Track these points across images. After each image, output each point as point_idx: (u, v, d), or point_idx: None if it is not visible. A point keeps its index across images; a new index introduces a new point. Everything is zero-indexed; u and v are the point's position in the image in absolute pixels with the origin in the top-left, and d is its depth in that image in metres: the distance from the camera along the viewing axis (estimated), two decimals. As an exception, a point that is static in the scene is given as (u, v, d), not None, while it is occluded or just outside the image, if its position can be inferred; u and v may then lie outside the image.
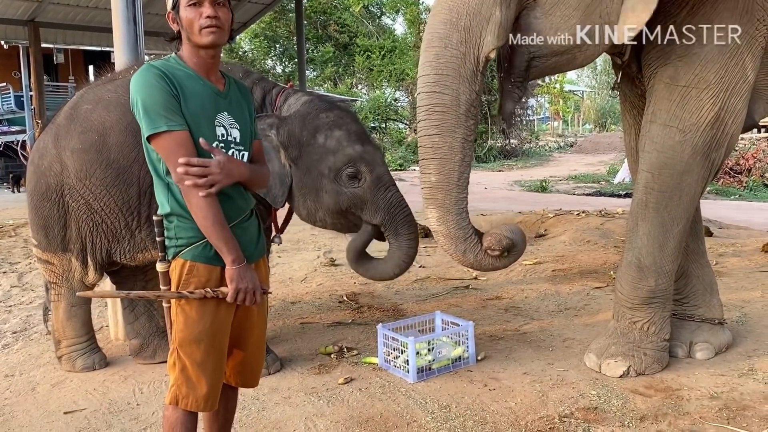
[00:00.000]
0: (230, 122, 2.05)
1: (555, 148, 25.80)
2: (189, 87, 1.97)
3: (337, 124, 3.22)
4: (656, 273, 3.20)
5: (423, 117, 2.83)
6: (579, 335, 3.86)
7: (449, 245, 2.91)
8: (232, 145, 2.05)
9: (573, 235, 6.77)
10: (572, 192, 13.11)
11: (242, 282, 1.97)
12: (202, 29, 1.96)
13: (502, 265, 3.03)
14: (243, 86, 2.21)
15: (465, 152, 2.83)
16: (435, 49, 2.77)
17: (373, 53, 24.03)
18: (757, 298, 4.47)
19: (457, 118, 2.78)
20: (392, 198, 3.24)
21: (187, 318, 2.01)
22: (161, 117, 1.90)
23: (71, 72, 18.65)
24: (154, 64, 1.97)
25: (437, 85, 2.77)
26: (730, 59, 2.95)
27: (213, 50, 2.02)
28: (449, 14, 2.75)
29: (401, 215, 3.25)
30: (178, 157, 1.89)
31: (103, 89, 3.38)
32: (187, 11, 1.97)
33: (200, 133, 1.95)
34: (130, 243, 3.35)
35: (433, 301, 4.74)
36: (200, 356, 2.01)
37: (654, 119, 3.11)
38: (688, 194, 3.12)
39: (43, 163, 3.36)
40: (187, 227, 1.99)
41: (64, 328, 3.51)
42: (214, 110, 2.01)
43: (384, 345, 3.47)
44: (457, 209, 2.86)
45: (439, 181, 2.83)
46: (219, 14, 1.96)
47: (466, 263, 2.97)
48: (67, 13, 12.57)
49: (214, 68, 2.06)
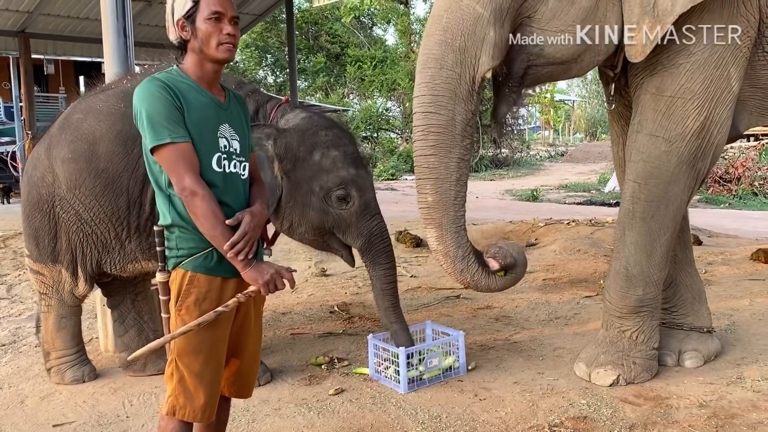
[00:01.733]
0: (231, 134, 2.08)
1: (546, 157, 25.91)
2: (192, 99, 2.00)
3: (334, 144, 3.24)
4: (644, 282, 3.22)
5: (419, 137, 2.86)
6: (569, 344, 3.87)
7: (448, 264, 2.92)
8: (234, 156, 2.07)
9: (563, 244, 6.80)
10: (563, 201, 13.17)
11: (265, 275, 1.97)
12: (221, 45, 2.01)
13: (499, 287, 3.02)
14: (240, 98, 2.24)
15: (461, 172, 2.86)
16: (431, 70, 2.80)
17: (365, 63, 24.09)
18: (745, 307, 4.49)
19: (452, 139, 2.82)
20: (376, 227, 3.29)
21: (201, 327, 2.00)
22: (165, 129, 1.92)
23: (61, 83, 18.60)
24: (158, 76, 2.00)
25: (433, 105, 2.80)
26: (715, 70, 2.99)
27: (222, 65, 2.08)
28: (444, 35, 2.78)
29: (381, 245, 3.31)
30: (180, 169, 1.92)
31: (94, 99, 3.40)
32: (207, 24, 2.00)
33: (203, 144, 1.98)
34: (120, 254, 3.35)
35: (423, 311, 4.74)
36: (199, 367, 2.01)
37: (640, 129, 3.14)
38: (675, 203, 3.15)
39: (36, 173, 3.36)
40: (188, 238, 2.00)
41: (54, 340, 3.49)
42: (216, 122, 2.04)
43: (375, 355, 3.47)
44: (455, 228, 2.88)
45: (435, 201, 2.86)
46: (236, 33, 2.04)
47: (464, 282, 2.97)
48: (57, 23, 12.57)
49: (215, 81, 2.09)
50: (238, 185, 2.08)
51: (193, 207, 1.93)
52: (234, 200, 2.04)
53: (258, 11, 13.68)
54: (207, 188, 1.94)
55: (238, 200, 2.06)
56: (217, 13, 2.00)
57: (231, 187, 2.05)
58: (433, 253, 3.02)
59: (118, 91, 3.35)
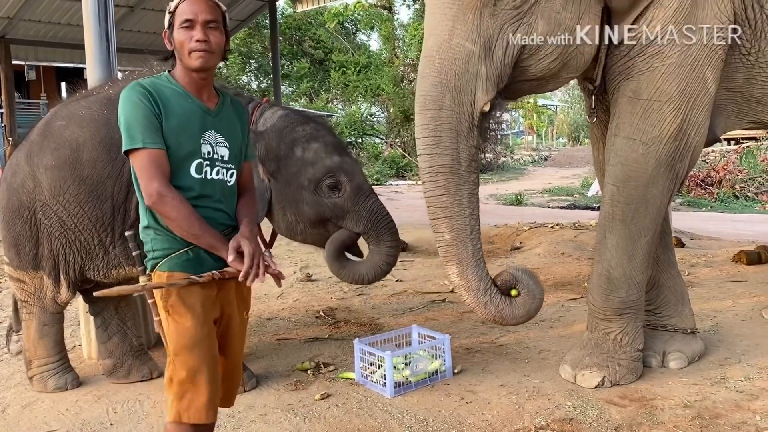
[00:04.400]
0: (218, 140, 2.07)
1: (529, 161, 26.05)
2: (174, 105, 2.00)
3: (313, 137, 3.24)
4: (626, 284, 3.24)
5: (428, 178, 2.90)
6: (554, 347, 3.89)
7: (471, 298, 2.93)
8: (218, 163, 2.07)
9: (547, 247, 6.83)
10: (547, 205, 13.24)
11: (251, 244, 1.98)
12: (191, 52, 1.99)
13: (525, 313, 2.97)
14: (239, 105, 2.22)
15: (473, 206, 2.93)
16: (430, 112, 2.85)
17: (349, 69, 24.10)
18: (728, 308, 4.54)
19: (460, 176, 2.88)
20: (373, 206, 3.28)
21: (179, 326, 2.01)
22: (139, 134, 1.94)
23: (43, 89, 18.44)
24: (142, 81, 2.01)
25: (437, 147, 2.85)
26: (690, 72, 3.02)
27: (203, 73, 2.05)
28: (439, 76, 2.83)
29: (383, 222, 3.30)
30: (149, 174, 1.94)
31: (76, 106, 3.37)
32: (179, 33, 2.00)
33: (182, 150, 1.99)
34: (103, 260, 3.32)
35: (409, 315, 4.74)
36: (195, 363, 2.01)
37: (618, 132, 3.18)
38: (654, 205, 3.18)
39: (16, 180, 3.33)
40: (162, 239, 2.01)
41: (36, 348, 3.45)
42: (200, 128, 2.03)
43: (361, 360, 3.46)
44: (475, 262, 2.92)
45: (453, 238, 2.90)
46: (210, 38, 2.00)
47: (488, 315, 2.96)
48: (38, 29, 12.44)
49: (206, 87, 2.09)
50: (219, 192, 2.07)
51: (164, 211, 1.95)
52: (213, 207, 2.05)
53: (241, 17, 13.63)
54: (176, 191, 1.95)
55: (218, 207, 2.06)
56: (187, 21, 1.99)
57: (210, 192, 2.05)
58: (455, 289, 3.05)
59: (101, 98, 3.33)
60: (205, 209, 2.02)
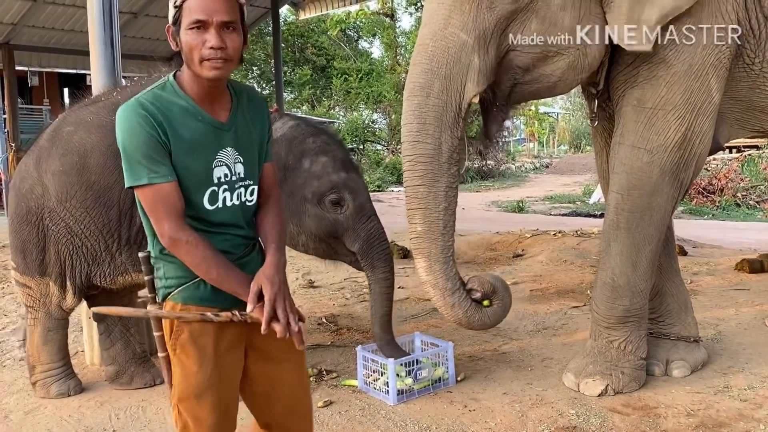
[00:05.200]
0: (235, 157, 1.78)
1: (531, 169, 26.04)
2: (182, 126, 1.70)
3: (323, 150, 3.25)
4: (630, 292, 3.24)
5: (408, 167, 2.89)
6: (557, 355, 3.88)
7: (438, 298, 2.91)
8: (237, 184, 1.78)
9: (550, 254, 6.83)
10: (548, 212, 13.23)
11: (273, 288, 1.67)
12: (204, 61, 1.66)
13: (492, 321, 2.99)
14: (256, 98, 1.89)
15: (449, 201, 2.89)
16: (417, 98, 2.83)
17: (351, 76, 24.17)
18: (731, 316, 4.53)
19: (439, 167, 2.84)
20: (373, 229, 3.30)
21: (185, 369, 1.77)
22: (143, 168, 1.66)
23: (46, 95, 18.49)
24: (143, 98, 1.70)
25: (420, 134, 2.83)
26: (695, 81, 3.03)
27: (216, 82, 1.73)
28: (430, 63, 2.82)
29: (379, 247, 3.32)
30: (159, 214, 1.69)
31: (84, 111, 3.38)
32: (189, 35, 1.66)
33: (193, 180, 1.72)
34: (110, 266, 3.32)
35: (412, 322, 4.74)
36: (203, 413, 1.77)
37: (622, 141, 3.18)
38: (659, 214, 3.18)
39: (24, 185, 3.34)
40: (175, 266, 1.76)
41: (39, 353, 3.45)
42: (213, 149, 1.74)
43: (364, 367, 3.46)
44: (444, 258, 2.88)
45: (424, 231, 2.87)
46: (227, 43, 1.66)
47: (454, 317, 2.94)
48: (42, 35, 12.52)
49: (217, 94, 1.77)
50: (241, 218, 1.81)
51: (179, 255, 1.71)
52: (234, 234, 1.79)
53: (244, 24, 13.70)
54: (190, 232, 1.69)
55: (239, 234, 1.81)
56: (198, 22, 1.64)
57: (230, 220, 1.79)
58: (423, 285, 2.99)
59: (108, 104, 3.34)
60: (224, 241, 1.77)
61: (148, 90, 1.75)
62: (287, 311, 1.67)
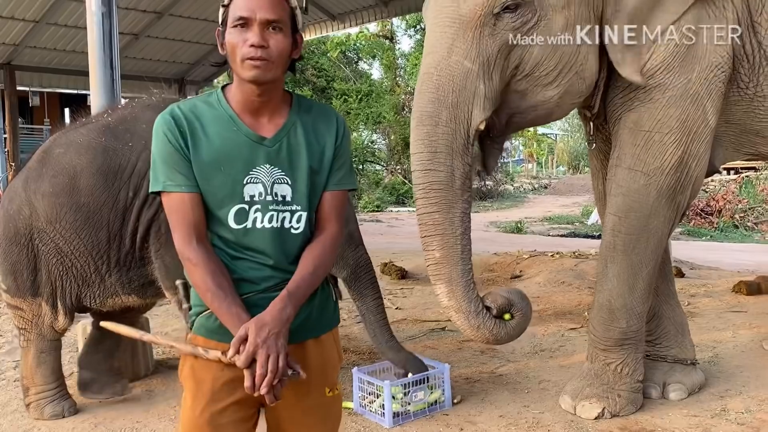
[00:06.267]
0: (275, 176, 1.62)
1: (530, 189, 26.09)
2: (210, 134, 1.61)
3: None
4: (627, 314, 3.24)
5: (421, 195, 2.87)
6: (554, 377, 3.87)
7: (462, 321, 2.86)
8: (273, 206, 1.62)
9: (548, 276, 6.82)
10: (547, 233, 13.25)
11: (259, 336, 1.49)
12: (244, 60, 1.56)
13: (516, 333, 2.93)
14: (324, 116, 1.72)
15: (465, 225, 2.88)
16: (426, 127, 2.84)
17: (350, 97, 24.28)
18: (728, 339, 4.52)
19: (454, 194, 2.84)
20: (361, 258, 3.37)
21: (185, 401, 1.66)
22: (162, 173, 1.60)
23: (46, 115, 18.60)
24: (176, 106, 1.64)
25: (432, 162, 2.83)
26: (690, 105, 3.05)
27: (260, 87, 1.60)
28: (437, 92, 2.83)
29: (367, 277, 3.40)
30: (173, 224, 1.61)
31: (75, 133, 3.40)
32: (232, 34, 1.57)
33: (215, 193, 1.60)
34: (99, 287, 3.32)
35: (409, 343, 4.71)
36: None
37: (619, 163, 3.20)
38: (656, 236, 3.18)
39: (13, 207, 3.34)
40: (195, 293, 1.65)
41: (33, 375, 3.44)
42: (246, 163, 1.61)
43: (359, 389, 3.44)
44: (465, 282, 2.86)
45: (443, 256, 2.85)
46: (269, 42, 1.56)
47: (480, 338, 2.89)
48: (43, 56, 12.59)
49: (266, 105, 1.64)
50: (272, 245, 1.63)
51: (187, 272, 1.61)
52: (258, 262, 1.63)
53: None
54: (196, 249, 1.58)
55: (265, 263, 1.63)
56: (242, 19, 1.56)
57: (257, 245, 1.62)
58: (445, 310, 2.96)
59: (99, 125, 3.36)
60: (249, 268, 1.62)
61: (191, 98, 1.70)
62: (266, 366, 1.48)
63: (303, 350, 1.66)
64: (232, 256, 1.63)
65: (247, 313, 1.55)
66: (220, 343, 1.58)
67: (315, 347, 1.70)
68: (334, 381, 1.76)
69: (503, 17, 2.81)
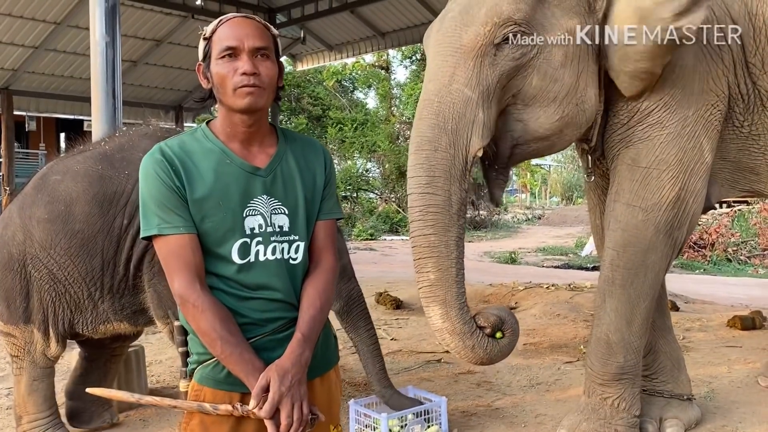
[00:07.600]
0: (273, 207, 1.61)
1: (523, 220, 26.18)
2: (204, 170, 1.58)
3: None
4: (625, 349, 3.24)
5: (417, 217, 2.87)
6: (551, 411, 3.85)
7: (456, 343, 2.85)
8: (274, 237, 1.60)
9: (543, 308, 6.82)
10: (541, 264, 13.25)
11: (283, 385, 1.46)
12: (237, 89, 1.55)
13: (508, 351, 2.92)
14: (316, 149, 1.73)
15: (460, 250, 2.89)
16: (425, 152, 2.87)
17: (346, 125, 24.45)
18: (723, 374, 4.52)
19: (450, 218, 2.86)
20: (353, 290, 3.41)
21: None
22: (155, 216, 1.55)
23: (42, 139, 18.60)
24: (164, 144, 1.60)
25: (430, 186, 2.85)
26: (687, 142, 3.10)
27: (251, 116, 1.60)
28: (437, 119, 2.87)
29: (359, 308, 3.46)
30: (170, 268, 1.55)
31: (72, 161, 3.41)
32: (219, 65, 1.57)
33: (216, 229, 1.57)
34: (92, 314, 3.32)
35: (405, 375, 4.70)
36: None
37: (618, 198, 3.23)
38: (653, 271, 3.20)
39: (7, 232, 3.34)
40: (197, 341, 1.60)
41: (26, 403, 3.40)
42: (244, 195, 1.59)
43: (356, 422, 3.42)
44: (459, 304, 2.85)
45: (438, 278, 2.85)
46: (260, 69, 1.56)
47: (476, 359, 2.88)
48: (41, 81, 12.67)
49: (255, 136, 1.64)
50: (277, 277, 1.61)
51: (187, 317, 1.56)
52: (267, 298, 1.60)
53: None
54: (200, 293, 1.53)
55: (275, 298, 1.61)
56: (229, 49, 1.56)
57: (264, 280, 1.60)
58: (436, 333, 2.93)
59: (96, 153, 3.38)
60: (258, 309, 1.59)
61: (177, 136, 1.67)
62: (292, 416, 1.47)
63: (311, 389, 1.63)
64: (236, 297, 1.58)
65: (259, 359, 1.52)
66: (229, 393, 1.55)
67: (321, 385, 1.70)
68: (338, 417, 1.75)
69: (504, 48, 2.86)
